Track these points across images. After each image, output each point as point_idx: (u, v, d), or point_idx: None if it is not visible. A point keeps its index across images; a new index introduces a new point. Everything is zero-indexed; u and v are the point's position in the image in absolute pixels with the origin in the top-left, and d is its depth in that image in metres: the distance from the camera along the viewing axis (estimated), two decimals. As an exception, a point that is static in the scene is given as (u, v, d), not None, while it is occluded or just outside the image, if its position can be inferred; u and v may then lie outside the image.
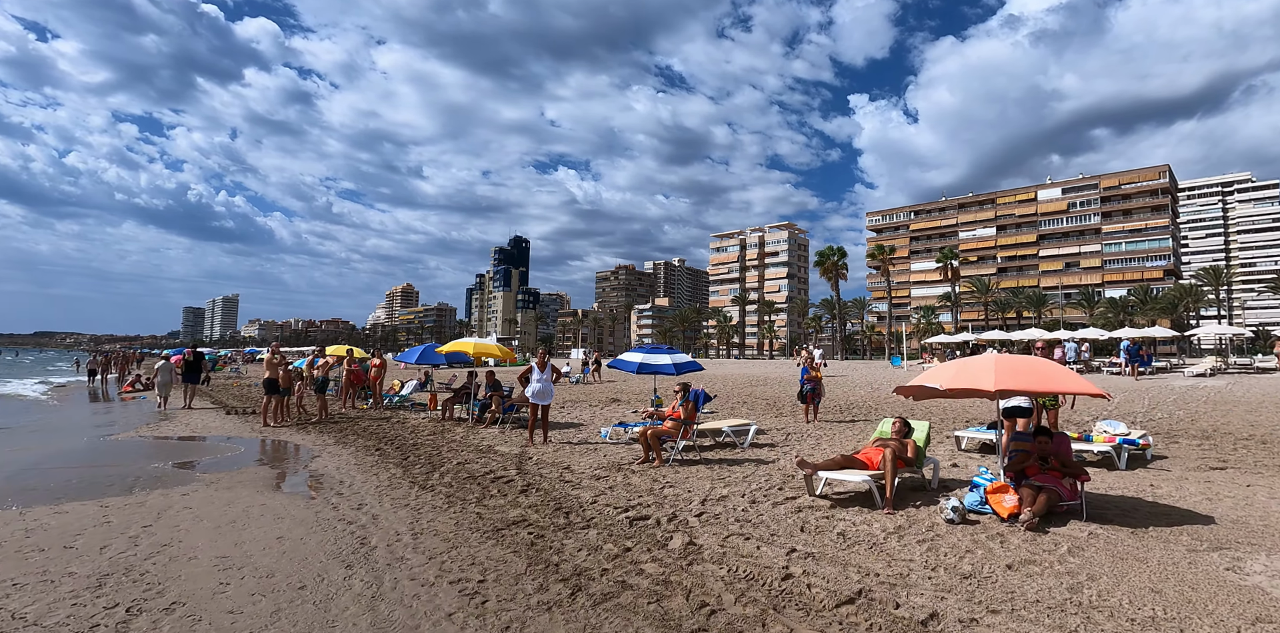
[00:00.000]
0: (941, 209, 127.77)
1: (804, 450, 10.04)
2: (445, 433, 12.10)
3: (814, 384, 14.50)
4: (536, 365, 10.36)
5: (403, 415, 15.12)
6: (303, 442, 11.46)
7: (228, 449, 10.96)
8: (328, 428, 13.05)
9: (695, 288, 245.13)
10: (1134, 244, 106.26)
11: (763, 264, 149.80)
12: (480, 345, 13.05)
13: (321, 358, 15.23)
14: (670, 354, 11.83)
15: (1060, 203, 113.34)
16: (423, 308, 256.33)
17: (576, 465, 8.66)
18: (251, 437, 12.20)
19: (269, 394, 13.34)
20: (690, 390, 8.92)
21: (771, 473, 8.08)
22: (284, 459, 9.79)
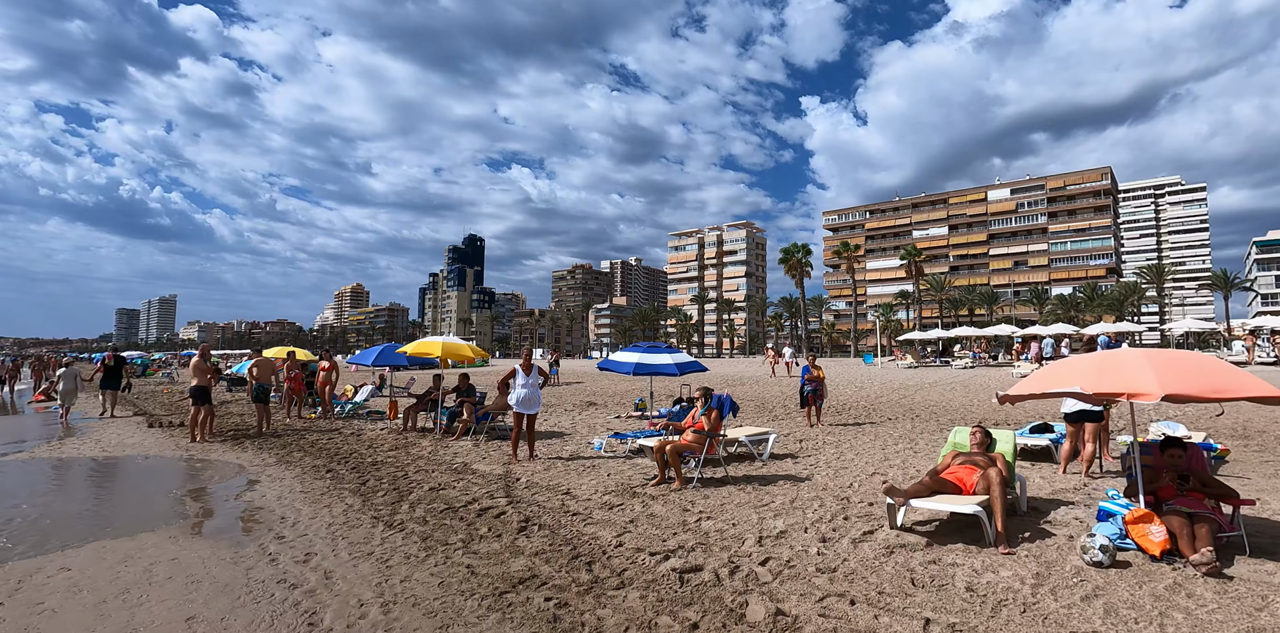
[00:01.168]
0: (896, 209, 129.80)
1: (828, 460, 8.71)
2: (409, 447, 10.37)
3: (815, 385, 13.26)
4: (520, 368, 8.76)
5: (357, 426, 13.27)
6: (237, 461, 9.59)
7: (140, 474, 9.02)
8: (268, 443, 11.15)
9: (652, 287, 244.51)
10: (1078, 243, 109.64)
11: (721, 263, 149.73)
12: (451, 345, 11.31)
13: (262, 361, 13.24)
14: (670, 353, 10.39)
15: (1009, 203, 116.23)
16: (374, 308, 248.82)
17: (578, 489, 7.11)
18: (174, 455, 10.25)
19: (198, 404, 11.37)
20: (714, 396, 7.47)
21: (820, 496, 6.68)
22: (211, 487, 7.94)
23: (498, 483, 7.47)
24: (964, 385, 22.47)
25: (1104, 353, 5.15)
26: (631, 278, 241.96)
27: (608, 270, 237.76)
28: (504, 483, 7.46)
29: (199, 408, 11.36)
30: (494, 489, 7.12)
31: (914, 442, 10.54)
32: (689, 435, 7.23)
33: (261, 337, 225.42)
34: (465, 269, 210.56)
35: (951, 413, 14.85)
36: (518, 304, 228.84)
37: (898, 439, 10.86)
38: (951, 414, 14.60)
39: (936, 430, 11.98)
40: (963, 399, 17.80)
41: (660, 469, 7.17)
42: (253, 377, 12.42)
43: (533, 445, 9.01)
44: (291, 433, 12.31)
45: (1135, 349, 5.21)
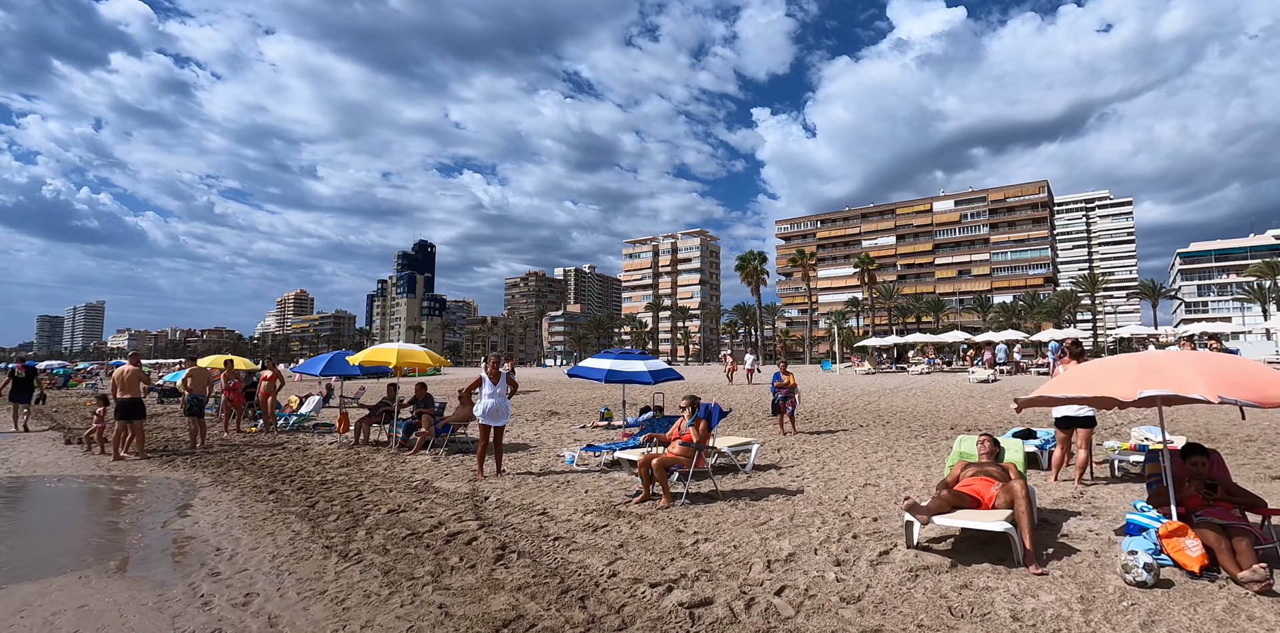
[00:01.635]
0: (846, 218, 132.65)
1: (813, 470, 8.30)
2: (362, 463, 9.54)
3: (787, 392, 12.92)
4: (486, 376, 8.09)
5: (302, 440, 12.28)
6: (166, 482, 8.62)
7: (51, 500, 7.98)
8: (203, 461, 10.14)
9: (605, 295, 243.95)
10: (1018, 253, 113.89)
11: (675, 271, 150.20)
12: (407, 352, 10.48)
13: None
14: (644, 360, 9.85)
15: (953, 214, 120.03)
16: (318, 316, 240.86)
17: (556, 508, 6.48)
18: (93, 476, 9.17)
19: (125, 420, 10.25)
20: (701, 405, 6.96)
21: (819, 511, 6.23)
22: (134, 514, 7.02)
23: (465, 503, 6.79)
24: (924, 391, 22.59)
25: (1143, 355, 4.84)
26: (585, 285, 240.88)
27: (561, 278, 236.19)
28: (472, 503, 6.77)
29: (126, 424, 10.24)
30: (461, 510, 6.44)
31: (893, 449, 10.26)
32: (675, 448, 6.69)
33: (198, 345, 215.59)
34: (415, 276, 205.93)
35: (920, 418, 14.72)
36: (469, 312, 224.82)
37: (875, 447, 10.56)
38: (921, 420, 14.47)
39: (911, 437, 11.75)
40: (927, 405, 17.78)
41: (644, 485, 6.61)
42: (186, 388, 11.34)
43: (500, 460, 8.33)
44: (229, 449, 11.27)
45: (1177, 352, 4.93)
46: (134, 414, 10.39)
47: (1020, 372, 28.40)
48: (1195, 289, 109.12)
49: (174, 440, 12.49)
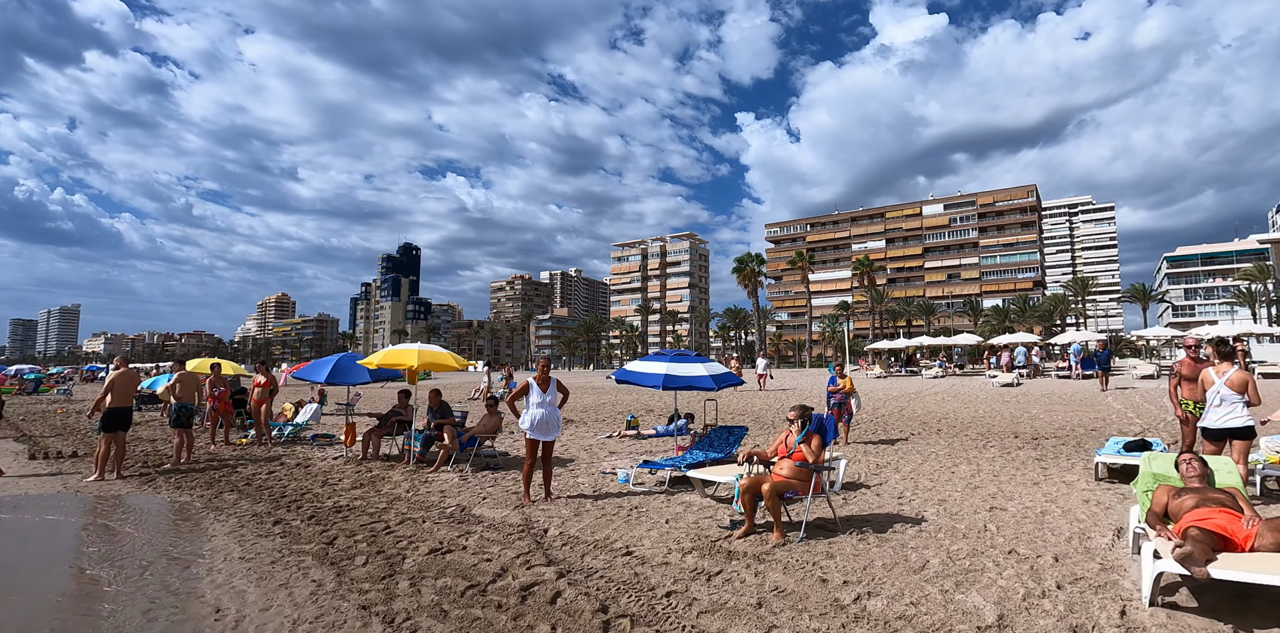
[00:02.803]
0: (836, 222, 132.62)
1: (910, 490, 7.09)
2: (378, 483, 8.18)
3: (843, 397, 11.73)
4: (535, 382, 6.80)
5: (302, 454, 10.87)
6: (147, 510, 7.23)
7: (4, 532, 6.56)
8: (190, 480, 8.73)
9: (591, 298, 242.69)
10: (1007, 257, 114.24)
11: (664, 274, 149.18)
12: (430, 354, 9.10)
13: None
14: (702, 363, 8.61)
15: (942, 218, 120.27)
16: (300, 319, 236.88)
17: (640, 546, 5.21)
18: (60, 503, 7.74)
19: (110, 432, 8.79)
20: (814, 416, 5.71)
21: (977, 548, 5.00)
22: (108, 553, 5.63)
23: (523, 539, 5.49)
24: (951, 395, 21.55)
25: None
26: (572, 289, 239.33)
27: (547, 281, 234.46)
28: (532, 539, 5.47)
29: (111, 437, 8.79)
30: (524, 550, 5.14)
31: (975, 463, 9.09)
32: (785, 468, 5.44)
33: (176, 349, 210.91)
34: (400, 279, 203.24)
35: (972, 425, 13.59)
36: (454, 315, 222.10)
37: (952, 459, 9.40)
38: (974, 427, 13.35)
39: (979, 447, 10.63)
40: (966, 411, 16.69)
41: (748, 515, 5.35)
42: (174, 395, 9.89)
43: (549, 481, 7.02)
44: (219, 465, 9.85)
45: None
46: (122, 425, 8.95)
47: (1039, 375, 27.50)
48: (1183, 293, 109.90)
49: (154, 455, 11.03)
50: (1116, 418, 14.28)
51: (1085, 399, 18.73)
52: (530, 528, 5.80)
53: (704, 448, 8.56)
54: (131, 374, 9.26)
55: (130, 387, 9.16)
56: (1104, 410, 15.80)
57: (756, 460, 5.68)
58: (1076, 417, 14.72)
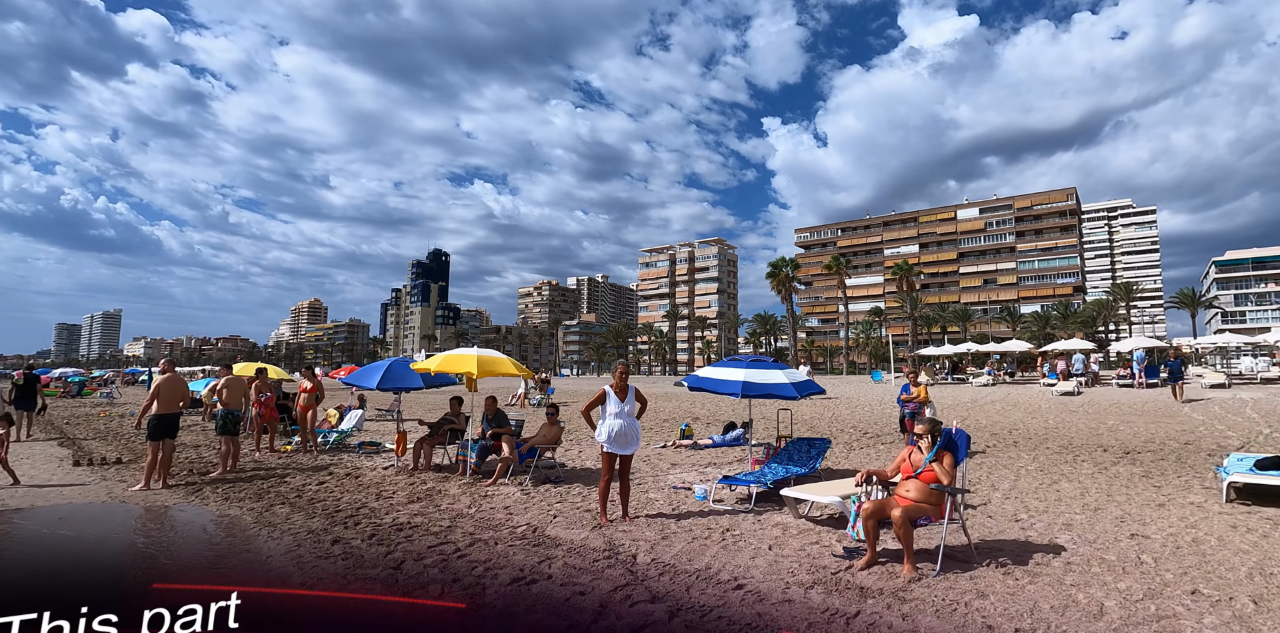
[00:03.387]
0: (867, 226, 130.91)
1: (1016, 510, 6.35)
2: (435, 497, 7.66)
3: (917, 407, 11.00)
4: (612, 390, 6.23)
5: (349, 463, 10.44)
6: (195, 523, 6.80)
7: (44, 551, 6.16)
8: (237, 490, 8.31)
9: (618, 304, 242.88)
10: (1045, 262, 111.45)
11: (693, 280, 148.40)
12: (490, 360, 8.55)
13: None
14: (781, 369, 7.97)
15: (978, 222, 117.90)
16: (332, 324, 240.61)
17: (750, 577, 4.58)
18: (105, 513, 7.36)
19: (157, 439, 8.42)
20: (945, 430, 5.05)
21: (1153, 588, 4.28)
22: (152, 578, 5.17)
23: (613, 566, 4.90)
24: (1012, 404, 20.53)
25: None
26: (599, 295, 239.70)
27: (574, 287, 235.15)
28: (624, 568, 4.88)
29: (157, 444, 8.42)
30: (620, 581, 4.54)
31: (1074, 480, 8.29)
32: (913, 490, 4.77)
33: (213, 353, 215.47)
34: (429, 284, 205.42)
35: (1050, 438, 12.71)
36: (482, 321, 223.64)
37: (1044, 474, 8.61)
38: (1053, 439, 12.47)
39: (1068, 461, 9.83)
40: (1035, 422, 15.75)
41: (870, 543, 4.70)
42: (221, 400, 9.52)
43: (628, 500, 6.42)
44: (266, 474, 9.44)
45: None
46: (169, 432, 8.59)
47: (1098, 383, 26.23)
48: (1232, 298, 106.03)
49: (198, 462, 10.69)
50: (1207, 431, 13.27)
51: (1160, 410, 17.64)
52: (617, 553, 5.21)
53: (783, 462, 7.91)
54: (177, 379, 8.91)
55: (176, 392, 8.80)
56: (1188, 422, 14.77)
57: (876, 481, 5.01)
58: (1160, 429, 13.74)
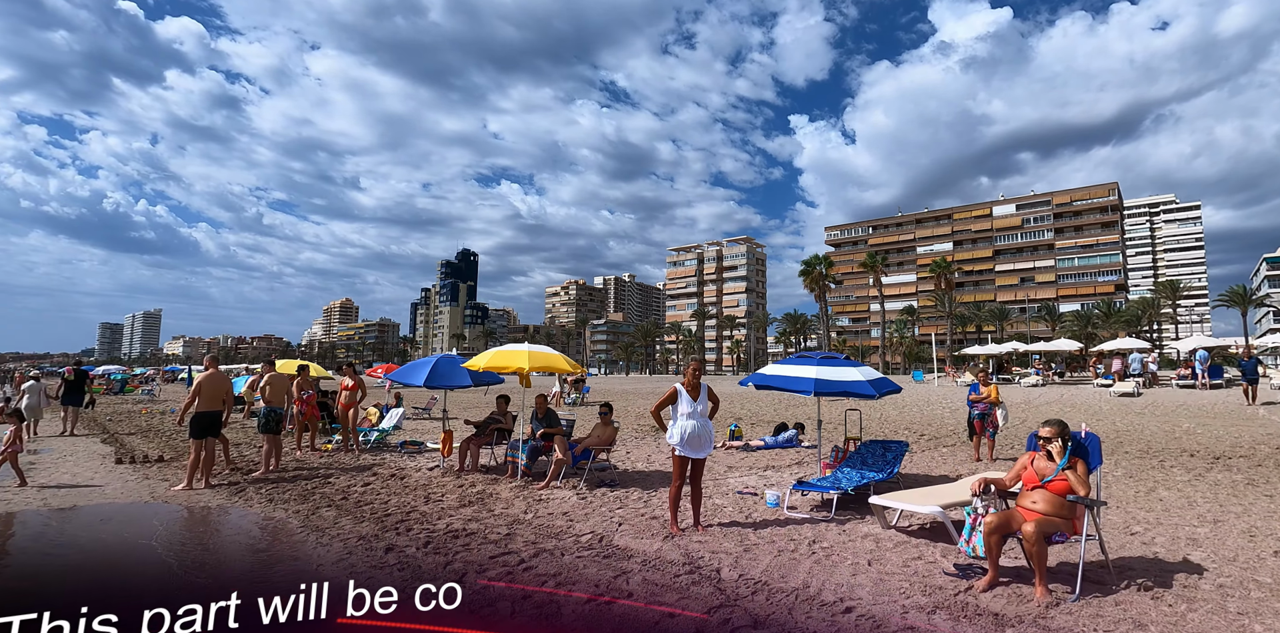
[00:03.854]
0: (899, 224, 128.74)
1: (1123, 520, 5.71)
2: (488, 501, 7.25)
3: (986, 408, 10.31)
4: (684, 389, 5.75)
5: (392, 463, 10.10)
6: (244, 526, 6.48)
7: (86, 556, 5.86)
8: (281, 491, 7.99)
9: (645, 304, 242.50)
10: (1086, 259, 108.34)
11: (721, 279, 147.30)
12: (542, 356, 8.08)
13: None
14: (855, 366, 7.40)
15: (1015, 219, 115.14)
16: (363, 324, 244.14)
17: (856, 598, 4.05)
18: (146, 513, 7.09)
19: (195, 437, 8.16)
20: (1074, 434, 4.47)
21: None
22: (211, 591, 4.82)
23: (698, 583, 4.40)
24: (1069, 406, 19.60)
25: None
26: (625, 294, 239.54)
27: (601, 287, 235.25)
28: (710, 584, 4.38)
29: (199, 443, 8.15)
30: (712, 602, 4.05)
31: (1173, 488, 7.58)
32: (1042, 501, 4.19)
33: (248, 352, 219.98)
34: (458, 284, 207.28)
35: (1129, 442, 11.89)
36: (509, 320, 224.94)
37: (1138, 481, 7.92)
38: (1131, 443, 11.66)
39: (1155, 467, 9.14)
40: (1101, 424, 14.89)
41: (992, 562, 4.14)
42: (263, 397, 9.25)
43: (700, 507, 5.93)
44: (309, 474, 9.13)
45: None
46: (211, 430, 8.33)
47: (1156, 384, 25.02)
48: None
49: (239, 460, 10.45)
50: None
51: (1233, 413, 16.63)
52: (698, 567, 4.72)
53: (856, 466, 7.35)
54: (219, 377, 8.64)
55: (219, 389, 8.52)
56: (1271, 426, 13.83)
57: (995, 491, 4.44)
58: (1243, 433, 12.84)
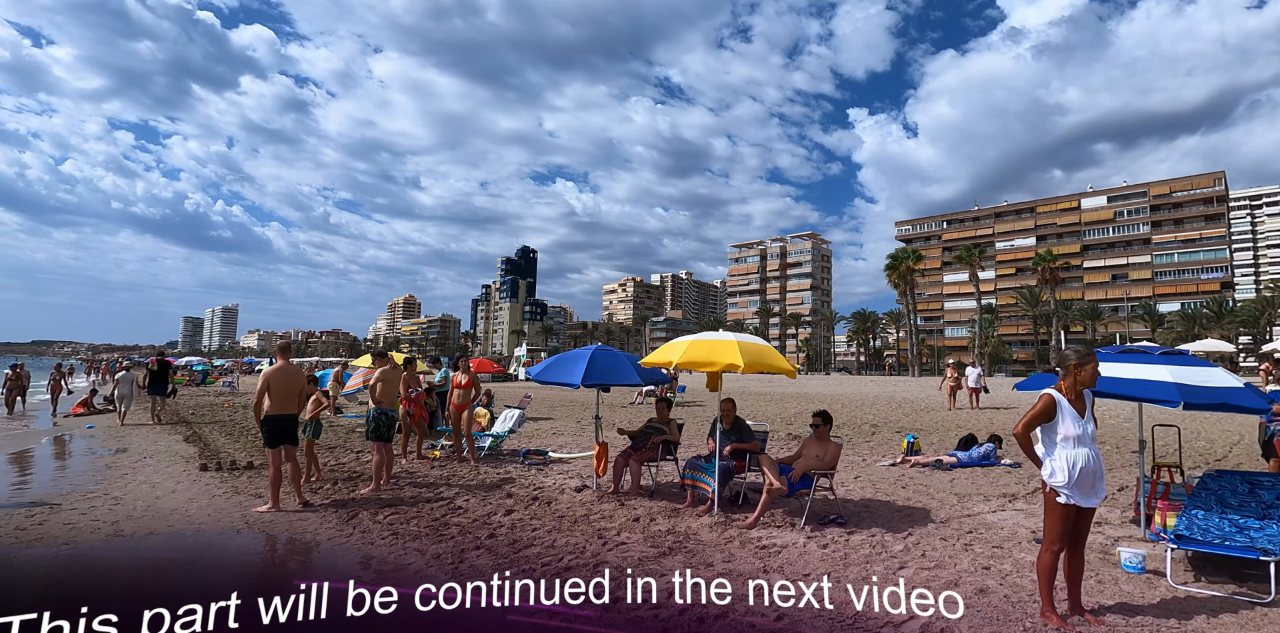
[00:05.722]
0: (976, 218, 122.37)
1: None
2: (689, 545, 5.27)
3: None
4: (1063, 399, 3.62)
5: (524, 480, 8.26)
6: (364, 575, 4.69)
7: (162, 602, 4.14)
8: (406, 518, 6.22)
9: (701, 301, 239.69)
10: (1187, 255, 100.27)
11: (784, 275, 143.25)
12: (755, 349, 5.85)
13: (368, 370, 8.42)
14: (1215, 366, 5.11)
15: (1106, 212, 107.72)
16: (426, 319, 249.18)
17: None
18: (244, 535, 5.41)
19: (270, 446, 6.51)
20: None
21: None
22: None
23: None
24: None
25: None
26: (682, 292, 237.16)
27: (658, 284, 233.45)
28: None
29: (275, 453, 6.50)
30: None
31: None
32: None
33: (317, 346, 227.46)
34: (518, 281, 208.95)
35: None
36: (566, 317, 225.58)
37: None
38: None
39: None
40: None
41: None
42: (373, 396, 7.54)
43: (1080, 581, 3.80)
44: (429, 493, 7.37)
45: None
46: (287, 437, 6.66)
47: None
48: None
49: (337, 469, 8.84)
50: None
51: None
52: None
53: (1214, 509, 5.07)
54: (292, 370, 6.83)
55: (292, 386, 6.74)
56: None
57: None
58: None
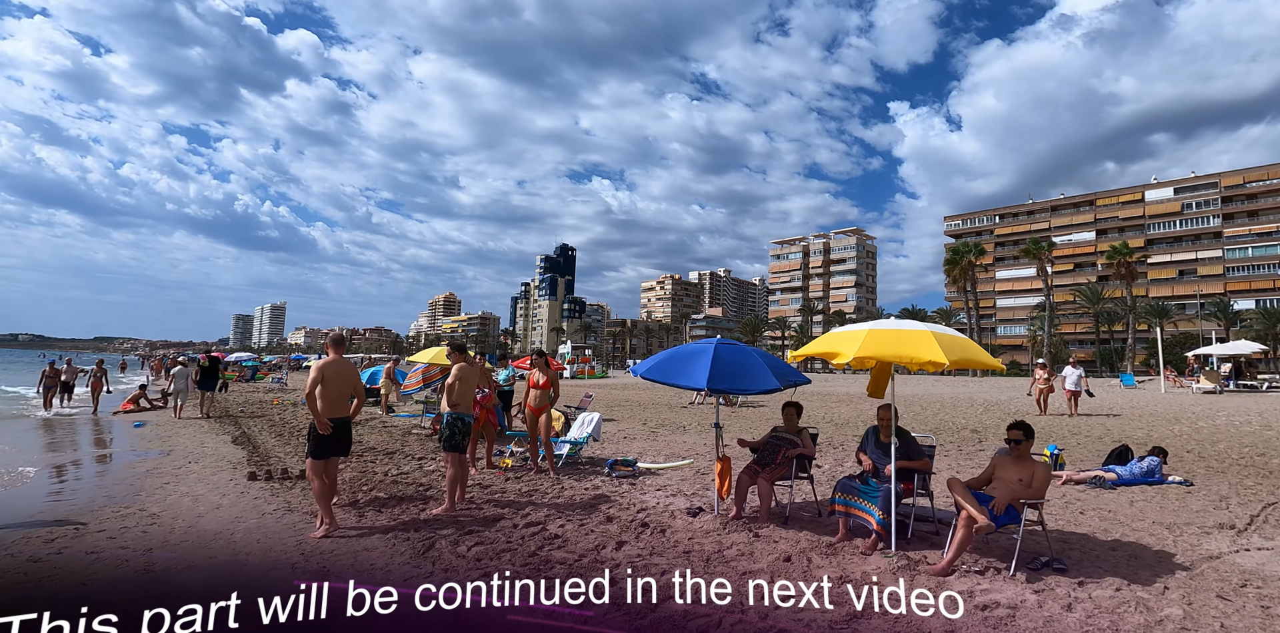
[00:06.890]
0: (1030, 212, 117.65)
1: None
2: (859, 590, 3.98)
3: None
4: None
5: (620, 498, 7.05)
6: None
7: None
8: (494, 553, 5.06)
9: (740, 299, 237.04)
10: (1264, 249, 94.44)
11: (828, 272, 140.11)
12: (955, 343, 4.35)
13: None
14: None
15: (1173, 204, 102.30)
16: (466, 316, 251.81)
17: None
18: (298, 568, 4.30)
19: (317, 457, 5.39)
20: None
21: None
22: None
23: None
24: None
25: None
26: (720, 289, 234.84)
27: (696, 281, 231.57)
28: None
29: (323, 466, 5.40)
30: None
31: None
32: None
33: (361, 343, 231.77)
34: (557, 278, 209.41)
35: None
36: (604, 314, 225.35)
37: None
38: None
39: None
40: None
41: None
42: (448, 399, 6.39)
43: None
44: (515, 515, 6.19)
45: None
46: (339, 447, 5.57)
47: None
48: None
49: (399, 481, 7.76)
50: None
51: None
52: None
53: None
54: (346, 366, 5.79)
55: (345, 384, 5.71)
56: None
57: None
58: None
